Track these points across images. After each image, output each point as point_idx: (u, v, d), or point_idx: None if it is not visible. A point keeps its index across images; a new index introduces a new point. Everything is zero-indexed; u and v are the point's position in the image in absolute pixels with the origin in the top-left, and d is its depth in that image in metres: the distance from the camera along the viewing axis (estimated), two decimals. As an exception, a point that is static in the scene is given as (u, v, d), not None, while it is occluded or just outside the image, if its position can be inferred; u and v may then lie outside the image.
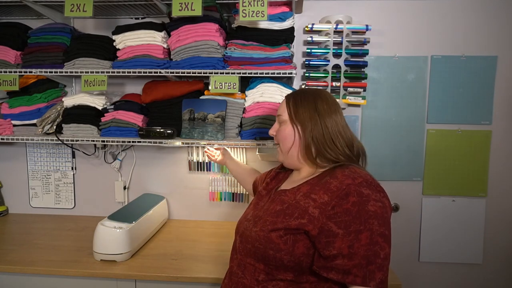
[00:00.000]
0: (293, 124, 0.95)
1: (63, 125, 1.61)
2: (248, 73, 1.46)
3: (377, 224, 0.77)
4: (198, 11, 1.35)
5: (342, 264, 0.76)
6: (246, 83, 1.56)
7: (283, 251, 0.83)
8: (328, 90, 1.61)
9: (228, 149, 1.60)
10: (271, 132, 1.03)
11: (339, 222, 0.78)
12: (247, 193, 1.82)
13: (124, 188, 1.85)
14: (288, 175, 1.07)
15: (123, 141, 1.55)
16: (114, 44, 1.55)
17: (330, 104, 0.94)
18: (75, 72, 1.54)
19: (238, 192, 1.82)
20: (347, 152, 0.91)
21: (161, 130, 1.51)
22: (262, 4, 1.33)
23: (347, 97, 1.62)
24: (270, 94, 1.48)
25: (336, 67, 1.61)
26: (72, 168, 1.89)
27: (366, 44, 1.62)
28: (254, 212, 0.98)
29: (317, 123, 0.92)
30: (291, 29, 1.48)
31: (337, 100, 1.57)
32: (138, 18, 1.75)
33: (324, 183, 0.85)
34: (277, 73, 1.44)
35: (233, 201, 1.83)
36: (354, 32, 1.62)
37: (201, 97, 1.59)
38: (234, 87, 1.45)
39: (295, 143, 0.95)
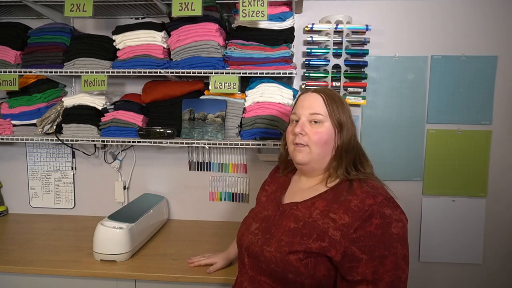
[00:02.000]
0: (334, 125, 0.88)
1: (63, 125, 1.61)
2: (248, 73, 1.46)
3: (400, 247, 0.76)
4: (198, 11, 1.35)
5: None
6: (246, 83, 1.56)
7: (304, 275, 0.79)
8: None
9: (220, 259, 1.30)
10: (298, 129, 0.88)
11: (362, 246, 0.76)
12: (247, 193, 1.82)
13: (124, 188, 1.85)
14: (289, 179, 1.02)
15: (123, 141, 1.55)
16: (114, 44, 1.55)
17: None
18: (75, 72, 1.54)
19: (238, 192, 1.82)
20: (357, 164, 0.90)
21: (161, 130, 1.51)
22: (262, 4, 1.33)
23: (347, 97, 1.62)
24: (270, 94, 1.48)
25: (336, 67, 1.61)
26: (72, 168, 1.89)
27: (366, 44, 1.62)
28: (260, 225, 0.92)
29: (349, 129, 0.89)
30: (291, 29, 1.48)
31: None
32: (138, 18, 1.75)
33: (344, 202, 0.82)
34: (277, 73, 1.44)
35: (233, 201, 1.83)
36: (354, 32, 1.62)
37: (201, 97, 1.59)
38: (234, 87, 1.45)
39: (330, 145, 0.89)
